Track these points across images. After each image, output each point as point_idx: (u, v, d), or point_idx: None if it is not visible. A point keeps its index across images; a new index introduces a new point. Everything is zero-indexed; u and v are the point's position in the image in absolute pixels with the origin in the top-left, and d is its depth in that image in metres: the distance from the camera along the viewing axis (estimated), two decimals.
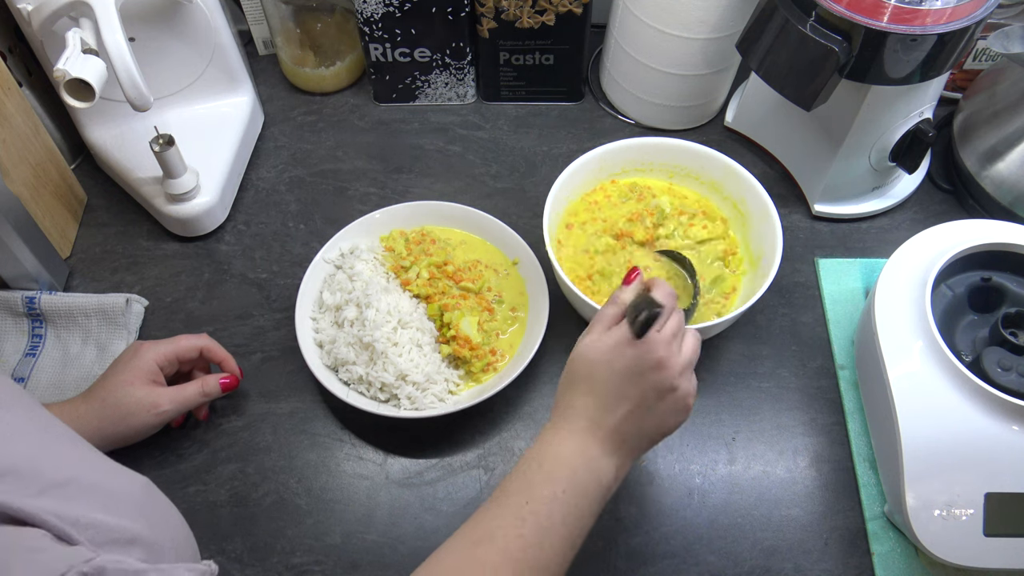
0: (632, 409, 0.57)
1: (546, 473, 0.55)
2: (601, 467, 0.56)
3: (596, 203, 0.85)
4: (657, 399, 0.57)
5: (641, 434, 0.58)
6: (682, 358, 0.58)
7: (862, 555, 0.70)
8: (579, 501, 0.55)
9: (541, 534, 0.53)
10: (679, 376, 0.57)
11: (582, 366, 0.58)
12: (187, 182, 0.84)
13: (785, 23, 0.75)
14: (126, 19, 0.72)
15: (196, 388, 0.72)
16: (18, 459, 0.43)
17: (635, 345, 0.56)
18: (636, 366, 0.56)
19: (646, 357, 0.56)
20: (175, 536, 0.52)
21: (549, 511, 0.54)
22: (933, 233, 0.75)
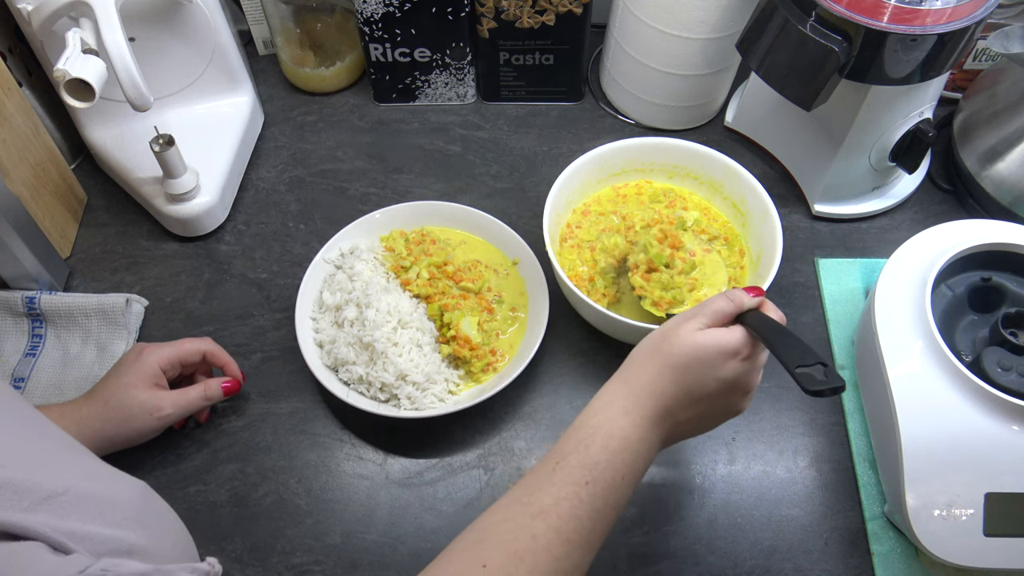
0: (704, 413, 0.57)
1: (611, 454, 0.54)
2: (654, 453, 0.57)
3: (625, 197, 0.86)
4: (724, 414, 0.58)
5: (691, 432, 0.58)
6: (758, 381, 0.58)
7: (862, 555, 0.70)
8: (630, 487, 0.55)
9: (596, 518, 0.52)
10: (750, 400, 0.58)
11: (686, 354, 0.55)
12: (187, 182, 0.84)
13: (785, 23, 0.75)
14: (126, 19, 0.72)
15: (198, 392, 0.72)
16: (13, 470, 0.43)
17: (746, 362, 0.56)
18: (734, 382, 0.56)
19: (746, 380, 0.56)
20: (174, 542, 0.52)
21: (606, 495, 0.53)
22: (933, 233, 0.75)
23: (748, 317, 0.57)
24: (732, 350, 0.55)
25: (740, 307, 0.57)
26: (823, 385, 0.51)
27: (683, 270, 0.75)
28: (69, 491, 0.44)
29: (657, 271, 0.76)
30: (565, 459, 0.54)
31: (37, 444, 0.48)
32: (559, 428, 0.76)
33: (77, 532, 0.43)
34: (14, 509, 0.41)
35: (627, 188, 0.87)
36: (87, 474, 0.49)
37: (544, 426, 0.76)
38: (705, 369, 0.55)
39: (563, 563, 0.50)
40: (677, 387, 0.55)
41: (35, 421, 0.50)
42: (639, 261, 0.77)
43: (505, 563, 0.49)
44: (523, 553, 0.49)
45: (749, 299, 0.58)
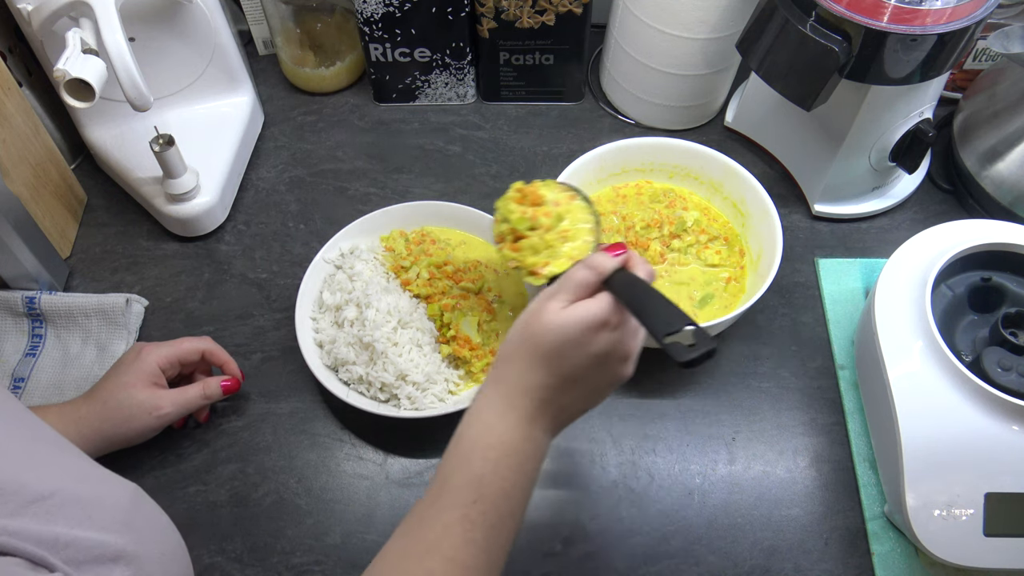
0: (586, 391, 0.54)
1: (494, 465, 0.51)
2: (539, 443, 0.54)
3: (625, 197, 0.86)
4: (608, 386, 0.55)
5: (579, 411, 0.56)
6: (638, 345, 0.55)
7: (862, 555, 0.70)
8: (525, 491, 0.53)
9: (491, 534, 0.50)
10: (633, 364, 0.55)
11: (552, 340, 0.52)
12: (187, 182, 0.84)
13: (785, 23, 0.75)
14: (126, 19, 0.72)
15: (197, 391, 0.72)
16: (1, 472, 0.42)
17: (616, 331, 0.52)
18: (610, 353, 0.52)
19: (620, 348, 0.53)
20: (164, 547, 0.50)
21: (498, 507, 0.51)
22: (933, 233, 0.75)
23: (614, 280, 0.54)
24: (599, 322, 0.52)
25: (602, 273, 0.54)
26: (695, 353, 0.49)
27: (549, 226, 0.66)
28: (56, 494, 0.44)
29: (524, 237, 0.66)
30: (448, 480, 0.52)
31: (28, 446, 0.47)
32: None
33: (61, 538, 0.42)
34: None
35: (627, 188, 0.87)
36: (77, 477, 0.48)
37: None
38: (575, 349, 0.52)
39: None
40: (550, 376, 0.53)
41: (27, 423, 0.49)
42: (503, 232, 0.68)
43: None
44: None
45: (611, 261, 0.55)
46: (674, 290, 0.80)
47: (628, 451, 0.75)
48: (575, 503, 0.72)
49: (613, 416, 0.77)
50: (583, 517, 0.72)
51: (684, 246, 0.82)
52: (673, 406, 0.78)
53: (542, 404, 0.53)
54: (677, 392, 0.79)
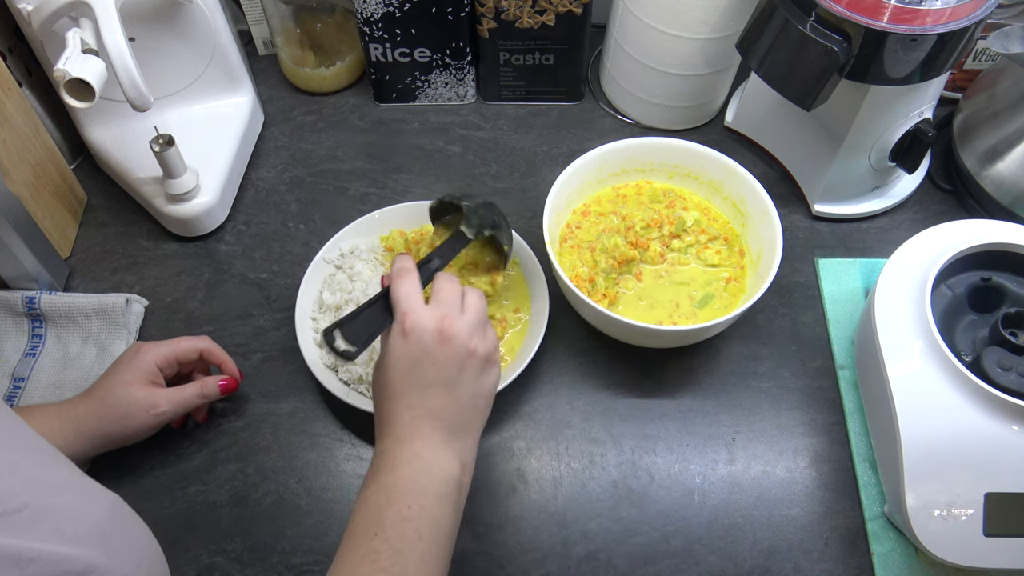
0: (441, 392, 0.56)
1: (386, 494, 0.53)
2: (439, 462, 0.55)
3: (625, 197, 0.86)
4: (459, 370, 0.56)
5: (460, 409, 0.57)
6: (466, 319, 0.57)
7: (862, 555, 0.70)
8: (430, 509, 0.53)
9: (401, 559, 0.51)
10: (471, 337, 0.57)
11: (377, 382, 0.58)
12: (187, 182, 0.84)
13: (785, 23, 0.75)
14: (126, 19, 0.71)
15: (195, 390, 0.72)
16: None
17: (409, 332, 0.55)
18: (421, 349, 0.55)
19: (426, 337, 0.55)
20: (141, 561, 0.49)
21: (401, 532, 0.52)
22: (933, 233, 0.75)
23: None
24: (387, 345, 0.57)
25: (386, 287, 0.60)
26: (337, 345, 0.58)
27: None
28: (27, 507, 0.42)
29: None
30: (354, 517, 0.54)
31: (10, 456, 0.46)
32: (559, 428, 0.76)
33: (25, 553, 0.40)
34: None
35: (627, 188, 0.87)
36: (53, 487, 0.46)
37: (544, 426, 0.76)
38: (391, 373, 0.56)
39: None
40: (394, 399, 0.57)
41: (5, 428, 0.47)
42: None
43: None
44: None
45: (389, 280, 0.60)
46: (674, 290, 0.80)
47: (628, 451, 0.75)
48: (575, 503, 0.72)
49: (613, 416, 0.77)
50: (583, 517, 0.72)
51: (684, 246, 0.82)
52: (673, 406, 0.78)
53: (407, 424, 0.56)
54: (677, 392, 0.79)
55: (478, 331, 0.58)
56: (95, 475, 0.73)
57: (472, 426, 0.58)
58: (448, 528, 0.54)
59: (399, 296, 0.58)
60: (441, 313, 0.57)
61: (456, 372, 0.56)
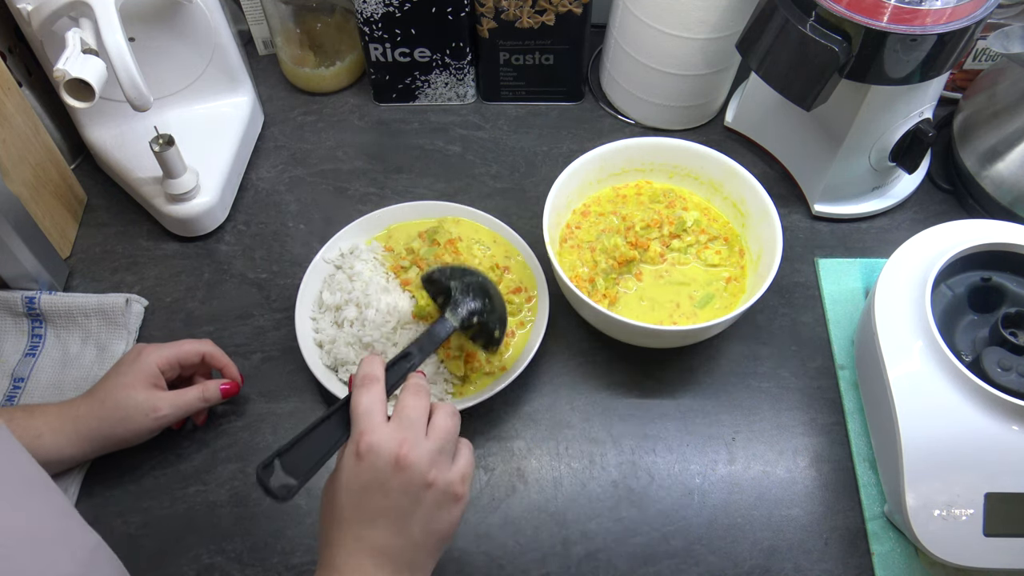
0: (390, 525, 0.51)
1: None
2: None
3: (625, 197, 0.86)
4: (413, 503, 0.51)
5: (414, 547, 0.52)
6: (427, 446, 0.51)
7: (862, 555, 0.70)
8: None
9: None
10: (430, 467, 0.51)
11: (326, 497, 0.53)
12: (187, 182, 0.84)
13: (785, 23, 0.75)
14: (126, 19, 0.72)
15: (196, 393, 0.72)
16: None
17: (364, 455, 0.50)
18: (374, 476, 0.50)
19: (380, 463, 0.50)
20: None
21: None
22: (933, 233, 0.75)
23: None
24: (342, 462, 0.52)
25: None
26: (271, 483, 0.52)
27: None
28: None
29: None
30: None
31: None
32: (559, 428, 0.76)
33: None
34: None
35: (627, 188, 0.87)
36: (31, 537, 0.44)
37: (544, 426, 0.76)
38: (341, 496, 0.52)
39: None
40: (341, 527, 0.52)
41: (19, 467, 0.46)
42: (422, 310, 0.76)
43: None
44: None
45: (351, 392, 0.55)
46: (674, 290, 0.80)
47: (628, 451, 0.75)
48: (575, 503, 0.72)
49: (613, 416, 0.77)
50: (583, 517, 0.72)
51: (684, 246, 0.82)
52: (673, 406, 0.78)
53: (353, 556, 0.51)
54: (677, 392, 0.79)
55: (440, 460, 0.52)
56: (95, 475, 0.73)
57: (421, 566, 0.52)
58: None
59: (359, 411, 0.52)
60: (401, 437, 0.51)
61: (409, 504, 0.51)
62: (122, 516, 0.71)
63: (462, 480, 0.53)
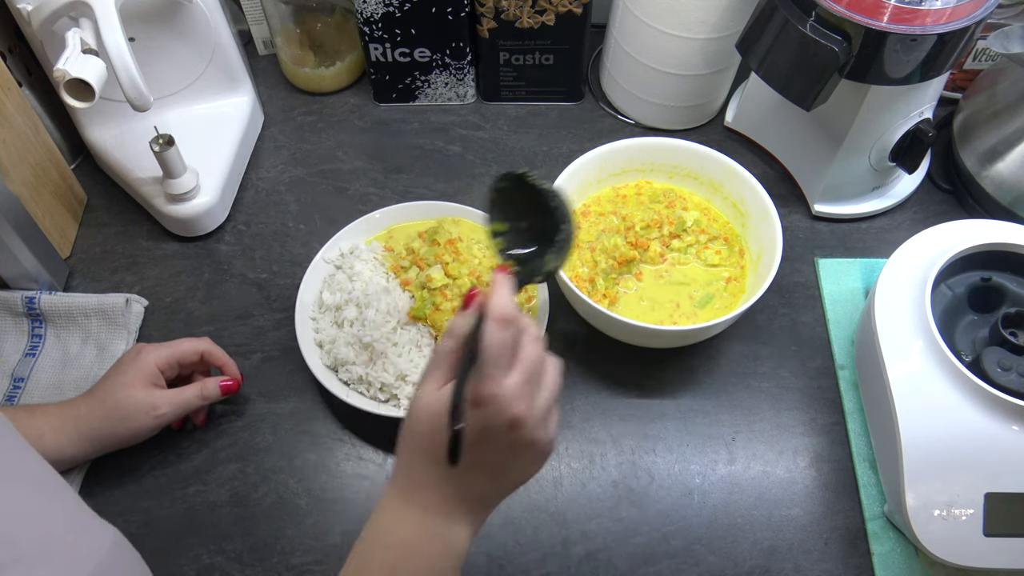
0: (485, 476, 0.50)
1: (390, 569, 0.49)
2: (456, 540, 0.50)
3: (625, 197, 0.86)
4: (514, 458, 0.50)
5: (497, 493, 0.52)
6: (538, 406, 0.49)
7: (862, 555, 0.70)
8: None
9: None
10: (538, 428, 0.49)
11: (423, 426, 0.49)
12: (187, 182, 0.84)
13: (785, 23, 0.75)
14: (126, 19, 0.71)
15: (195, 391, 0.72)
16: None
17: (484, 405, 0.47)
18: (486, 429, 0.48)
19: (498, 419, 0.47)
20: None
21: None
22: (933, 233, 0.75)
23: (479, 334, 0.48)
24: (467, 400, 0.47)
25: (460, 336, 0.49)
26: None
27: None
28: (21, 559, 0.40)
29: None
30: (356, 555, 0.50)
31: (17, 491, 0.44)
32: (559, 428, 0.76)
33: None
34: None
35: (627, 188, 0.87)
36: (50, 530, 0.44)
37: None
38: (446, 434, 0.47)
39: None
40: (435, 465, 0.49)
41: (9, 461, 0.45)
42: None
43: None
44: None
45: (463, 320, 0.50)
46: (674, 290, 0.80)
47: (628, 451, 0.75)
48: (575, 503, 0.72)
49: (613, 416, 0.77)
50: (583, 517, 0.72)
51: (684, 246, 0.82)
52: (673, 406, 0.78)
53: (438, 495, 0.50)
54: (677, 392, 0.79)
55: (547, 419, 0.51)
56: (95, 475, 0.73)
57: (494, 506, 0.53)
58: None
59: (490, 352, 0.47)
60: (521, 394, 0.48)
61: (511, 459, 0.50)
62: (122, 516, 0.71)
63: (553, 441, 0.52)
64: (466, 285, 0.78)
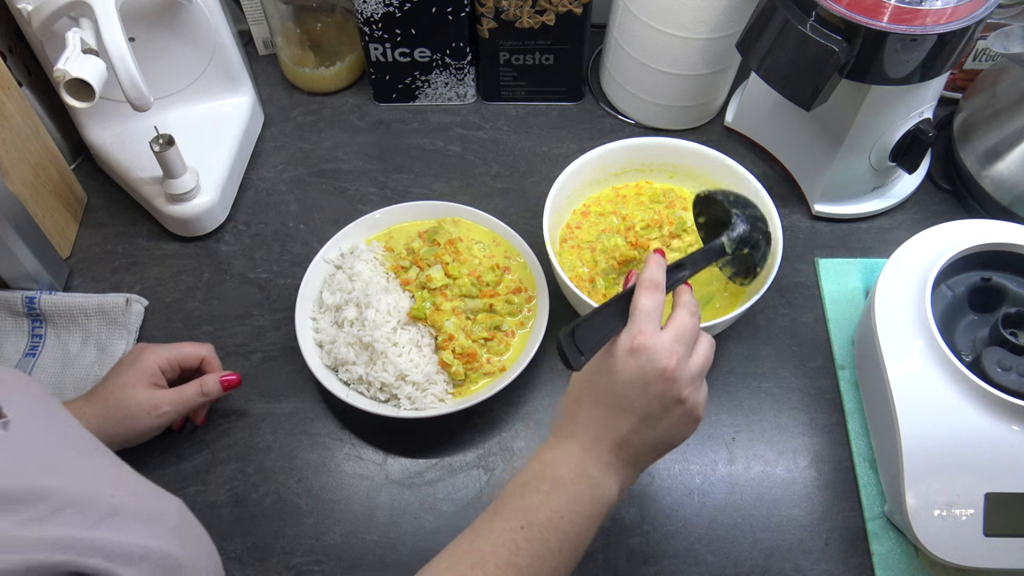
0: (637, 422, 0.54)
1: (544, 496, 0.53)
2: (603, 487, 0.54)
3: (625, 197, 0.86)
4: (663, 411, 0.54)
5: (646, 448, 0.56)
6: (691, 367, 0.55)
7: (862, 555, 0.70)
8: (578, 527, 0.53)
9: (537, 562, 0.51)
10: (687, 386, 0.54)
11: (582, 380, 0.56)
12: (187, 182, 0.84)
13: (785, 23, 0.75)
14: (126, 19, 0.72)
15: (195, 388, 0.72)
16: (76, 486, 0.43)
17: (637, 353, 0.53)
18: (640, 376, 0.53)
19: (649, 367, 0.53)
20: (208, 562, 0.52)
21: (545, 538, 0.52)
22: (933, 233, 0.75)
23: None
24: (616, 350, 0.54)
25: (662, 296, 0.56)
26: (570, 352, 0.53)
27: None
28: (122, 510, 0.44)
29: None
30: (504, 504, 0.54)
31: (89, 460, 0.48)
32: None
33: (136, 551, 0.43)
34: (80, 526, 0.41)
35: (627, 188, 0.87)
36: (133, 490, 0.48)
37: (544, 426, 0.76)
38: (605, 378, 0.54)
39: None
40: (595, 407, 0.55)
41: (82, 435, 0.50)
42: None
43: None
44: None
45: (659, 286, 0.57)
46: None
47: None
48: None
49: None
50: None
51: (684, 246, 0.82)
52: None
53: (593, 439, 0.54)
54: None
55: (696, 382, 0.55)
56: None
57: (645, 463, 0.57)
58: (584, 549, 0.54)
59: (640, 311, 0.55)
60: (673, 350, 0.54)
61: (659, 411, 0.54)
62: None
63: (703, 405, 0.57)
64: (466, 285, 0.78)
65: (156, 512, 0.48)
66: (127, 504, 0.45)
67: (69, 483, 0.42)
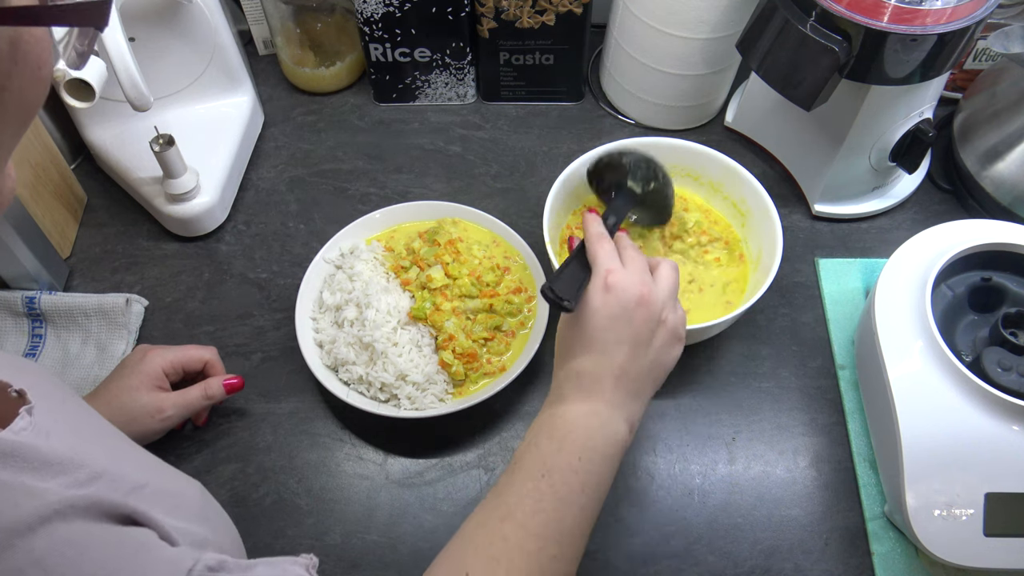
0: (630, 350, 0.57)
1: (559, 443, 0.55)
2: (614, 423, 0.57)
3: None
4: (650, 335, 0.57)
5: (643, 374, 0.58)
6: (660, 289, 0.58)
7: (862, 555, 0.70)
8: (597, 465, 0.55)
9: (562, 507, 0.53)
10: (665, 307, 0.58)
11: (568, 330, 0.59)
12: (187, 182, 0.84)
13: (785, 23, 0.75)
14: (126, 19, 0.72)
15: (199, 391, 0.72)
16: (106, 461, 0.44)
17: (612, 289, 0.57)
18: (622, 307, 0.57)
19: (626, 297, 0.57)
20: (231, 540, 0.53)
21: (567, 480, 0.54)
22: (933, 233, 0.75)
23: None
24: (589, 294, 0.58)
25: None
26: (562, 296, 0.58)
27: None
28: (148, 485, 0.46)
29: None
30: (522, 458, 0.56)
31: (116, 442, 0.50)
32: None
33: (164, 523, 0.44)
34: (117, 493, 0.42)
35: None
36: (157, 470, 0.50)
37: None
38: (589, 321, 0.57)
39: (539, 557, 0.51)
40: (587, 352, 0.57)
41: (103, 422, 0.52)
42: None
43: (484, 568, 0.51)
44: (499, 556, 0.51)
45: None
46: None
47: (628, 451, 0.75)
48: None
49: None
50: None
51: (685, 247, 0.82)
52: (673, 406, 0.78)
53: (594, 380, 0.57)
54: (677, 392, 0.79)
55: (670, 303, 0.59)
56: None
57: (646, 393, 0.59)
58: (606, 487, 0.56)
59: (600, 257, 0.59)
60: (640, 279, 0.58)
61: (647, 335, 0.57)
62: None
63: (683, 325, 0.60)
64: (466, 285, 0.78)
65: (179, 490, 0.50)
66: (152, 481, 0.47)
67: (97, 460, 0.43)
